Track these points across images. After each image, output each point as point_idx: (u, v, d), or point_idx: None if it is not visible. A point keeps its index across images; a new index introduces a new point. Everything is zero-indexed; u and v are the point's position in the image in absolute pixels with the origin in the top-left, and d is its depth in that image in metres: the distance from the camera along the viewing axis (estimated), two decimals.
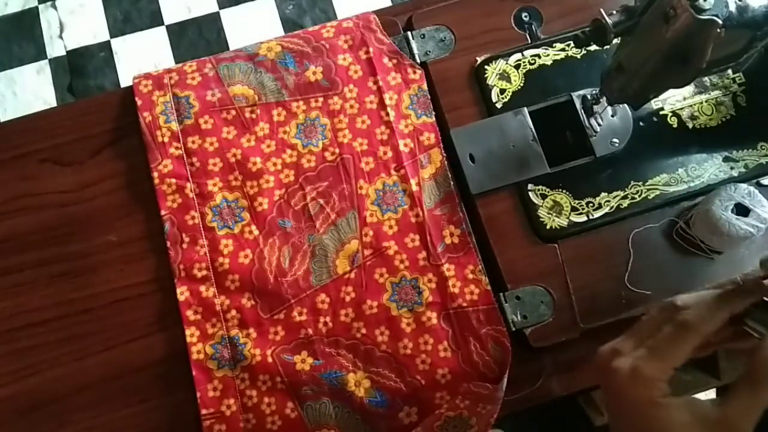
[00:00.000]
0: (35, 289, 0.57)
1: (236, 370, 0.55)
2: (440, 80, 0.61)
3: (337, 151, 0.60)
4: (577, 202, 0.57)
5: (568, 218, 0.57)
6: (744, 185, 0.53)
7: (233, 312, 0.56)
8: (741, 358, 0.45)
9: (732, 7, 0.43)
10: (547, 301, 0.55)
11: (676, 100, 0.60)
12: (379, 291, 0.56)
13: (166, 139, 0.59)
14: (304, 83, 0.61)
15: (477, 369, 0.54)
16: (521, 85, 0.60)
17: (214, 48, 1.45)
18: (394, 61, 0.62)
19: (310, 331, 0.55)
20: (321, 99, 0.61)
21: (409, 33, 0.62)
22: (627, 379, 0.38)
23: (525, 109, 0.59)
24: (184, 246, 0.57)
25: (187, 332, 0.55)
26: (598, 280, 0.55)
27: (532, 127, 0.58)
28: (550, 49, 0.61)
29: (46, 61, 1.46)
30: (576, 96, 0.59)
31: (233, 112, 0.60)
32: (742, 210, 0.52)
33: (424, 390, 0.54)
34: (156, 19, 1.49)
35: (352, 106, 0.60)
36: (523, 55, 0.61)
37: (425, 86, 0.61)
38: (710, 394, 0.93)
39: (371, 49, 0.61)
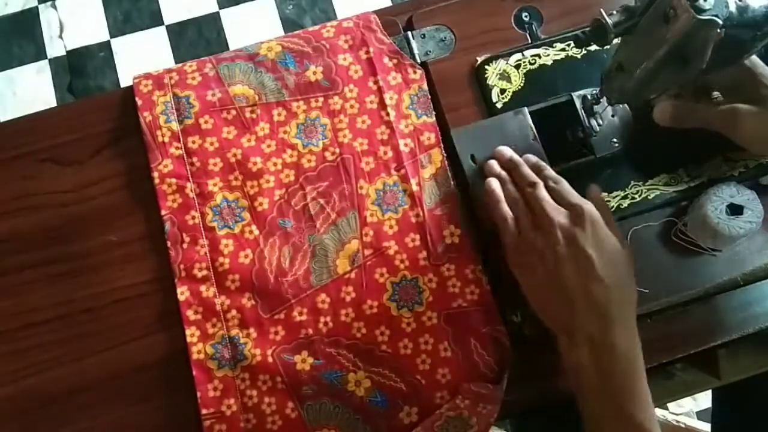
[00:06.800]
0: (35, 289, 0.57)
1: (236, 370, 0.55)
2: (440, 80, 0.61)
3: (337, 151, 0.60)
4: None
5: None
6: (732, 183, 0.53)
7: (233, 312, 0.56)
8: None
9: (732, 7, 0.43)
10: None
11: None
12: (380, 291, 0.56)
13: (166, 139, 0.59)
14: (305, 83, 0.61)
15: (477, 369, 0.54)
16: (521, 85, 0.60)
17: (214, 48, 1.45)
18: (395, 61, 0.62)
19: (311, 330, 0.55)
20: (321, 99, 0.61)
21: (409, 33, 0.62)
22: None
23: (525, 109, 0.59)
24: (185, 246, 0.57)
25: (188, 332, 0.55)
26: None
27: (533, 126, 0.58)
28: (550, 49, 0.61)
29: (46, 61, 1.46)
30: (576, 96, 0.59)
31: (233, 112, 0.60)
32: (735, 208, 0.52)
33: (424, 390, 0.54)
34: (156, 19, 1.49)
35: (352, 106, 0.60)
36: (523, 55, 0.61)
37: (425, 86, 0.61)
38: (709, 395, 0.93)
39: (371, 49, 0.62)
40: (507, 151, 0.56)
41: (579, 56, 0.61)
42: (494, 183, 0.54)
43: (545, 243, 0.49)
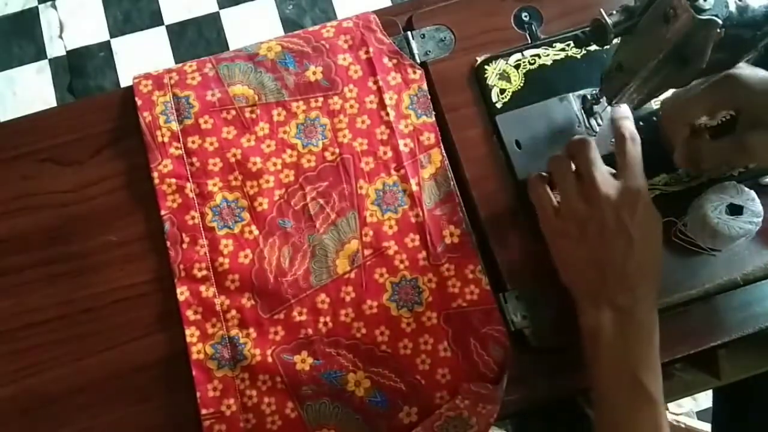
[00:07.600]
0: (35, 289, 0.57)
1: (236, 370, 0.55)
2: (440, 80, 0.61)
3: (337, 151, 0.60)
4: None
5: None
6: (732, 183, 0.53)
7: (233, 312, 0.56)
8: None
9: (732, 7, 0.43)
10: (546, 301, 0.55)
11: None
12: (379, 291, 0.56)
13: (166, 139, 0.60)
14: (304, 83, 0.61)
15: (477, 369, 0.54)
16: (521, 85, 0.60)
17: (214, 48, 1.45)
18: (394, 61, 0.62)
19: (310, 331, 0.55)
20: (321, 99, 0.61)
21: (409, 33, 0.62)
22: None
23: (571, 95, 0.59)
24: (184, 246, 0.57)
25: (187, 332, 0.55)
26: None
27: (578, 112, 0.59)
28: (550, 49, 0.61)
29: (46, 61, 1.46)
30: (576, 96, 0.59)
31: (233, 112, 0.60)
32: (735, 208, 0.52)
33: (424, 390, 0.54)
34: (156, 19, 1.49)
35: (352, 106, 0.60)
36: (523, 55, 0.61)
37: (425, 86, 0.61)
38: (710, 395, 0.93)
39: (371, 49, 0.62)
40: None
41: (579, 56, 0.61)
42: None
43: (591, 215, 0.49)
